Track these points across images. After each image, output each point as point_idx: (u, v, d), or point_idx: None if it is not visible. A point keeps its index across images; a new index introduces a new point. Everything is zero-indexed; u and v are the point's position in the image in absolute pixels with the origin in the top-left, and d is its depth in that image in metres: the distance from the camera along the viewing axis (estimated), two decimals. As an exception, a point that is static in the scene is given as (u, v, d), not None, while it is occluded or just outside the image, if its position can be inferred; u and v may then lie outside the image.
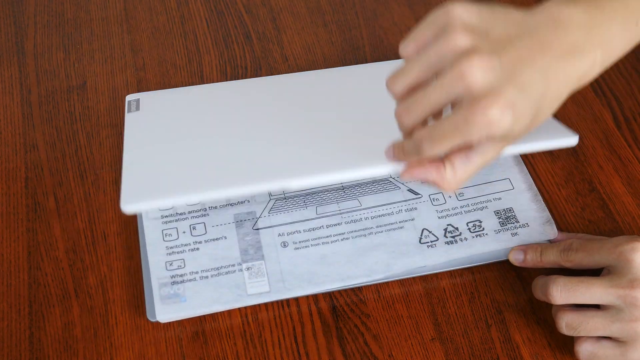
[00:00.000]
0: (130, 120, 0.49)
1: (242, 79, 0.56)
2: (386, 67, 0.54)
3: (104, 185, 0.50)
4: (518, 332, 0.44)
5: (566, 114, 0.55)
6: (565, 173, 0.51)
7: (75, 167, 0.50)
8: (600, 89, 0.56)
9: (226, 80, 0.56)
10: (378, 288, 0.46)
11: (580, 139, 0.53)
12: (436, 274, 0.46)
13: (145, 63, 0.56)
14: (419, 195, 0.49)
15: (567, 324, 0.41)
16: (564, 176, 0.51)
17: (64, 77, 0.55)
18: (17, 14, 0.59)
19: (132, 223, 0.48)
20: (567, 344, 0.44)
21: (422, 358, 0.43)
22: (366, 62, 0.57)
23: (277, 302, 0.45)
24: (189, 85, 0.55)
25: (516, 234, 0.47)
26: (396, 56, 0.57)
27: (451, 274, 0.46)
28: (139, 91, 0.55)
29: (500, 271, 0.47)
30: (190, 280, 0.44)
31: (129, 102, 0.51)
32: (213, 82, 0.55)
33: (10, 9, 0.60)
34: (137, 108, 0.51)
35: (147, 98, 0.52)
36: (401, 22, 0.60)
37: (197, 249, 0.46)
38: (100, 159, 0.51)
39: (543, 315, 0.45)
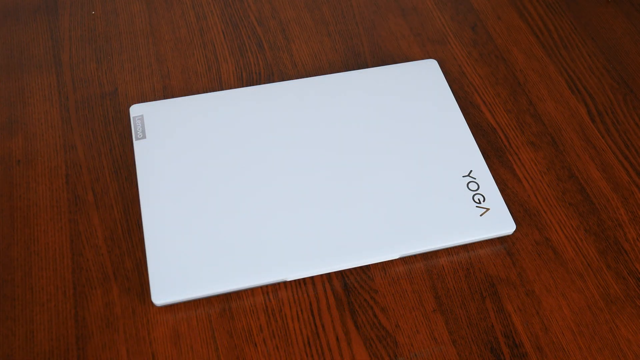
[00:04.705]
0: (141, 159, 0.48)
1: (256, 84, 0.56)
2: (384, 72, 0.55)
3: (136, 180, 0.50)
4: (510, 303, 0.44)
5: (546, 110, 0.55)
6: (547, 162, 0.52)
7: (110, 165, 0.50)
8: (575, 87, 0.57)
9: (242, 85, 0.56)
10: (384, 266, 0.46)
11: (559, 131, 0.54)
12: (435, 252, 0.47)
13: (169, 71, 0.56)
14: None
15: None
16: (545, 164, 0.52)
17: (97, 84, 0.55)
18: (53, 29, 0.59)
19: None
20: (554, 312, 0.44)
21: (425, 327, 0.43)
22: (367, 67, 0.58)
23: (294, 281, 0.45)
24: (210, 90, 0.55)
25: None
26: (393, 61, 0.58)
27: (448, 252, 0.47)
28: (165, 97, 0.55)
29: (492, 249, 0.47)
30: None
31: (134, 119, 0.50)
32: (231, 86, 0.56)
33: (47, 25, 0.59)
34: (144, 134, 0.50)
35: (151, 113, 0.51)
36: (397, 31, 0.60)
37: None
38: (132, 156, 0.51)
39: (531, 287, 0.45)
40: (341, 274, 0.46)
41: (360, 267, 0.46)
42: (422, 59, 0.58)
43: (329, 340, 0.43)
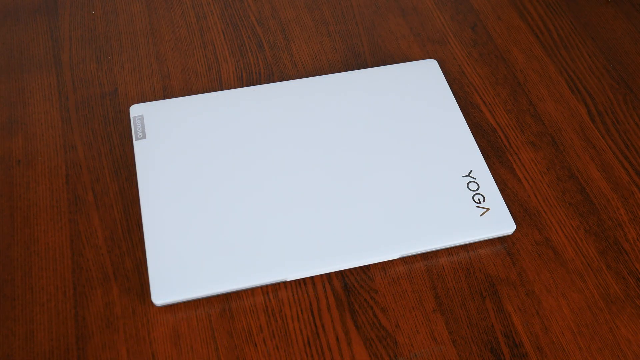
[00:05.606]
0: (141, 159, 0.48)
1: (256, 84, 0.56)
2: (384, 72, 0.55)
3: (136, 180, 0.50)
4: (509, 303, 0.44)
5: (546, 110, 0.55)
6: (547, 161, 0.52)
7: (110, 165, 0.50)
8: (576, 87, 0.57)
9: (242, 85, 0.56)
10: (384, 266, 0.46)
11: (559, 131, 0.54)
12: (435, 252, 0.47)
13: (169, 71, 0.56)
14: None
15: None
16: (545, 164, 0.52)
17: (97, 84, 0.55)
18: (53, 30, 0.59)
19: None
20: (554, 312, 0.44)
21: (425, 327, 0.43)
22: (367, 67, 0.57)
23: (294, 281, 0.45)
24: (210, 90, 0.55)
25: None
26: (393, 61, 0.58)
27: (448, 252, 0.47)
28: (165, 97, 0.55)
29: (492, 249, 0.47)
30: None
31: (134, 119, 0.50)
32: (231, 86, 0.56)
33: (47, 26, 0.59)
34: (144, 134, 0.50)
35: (151, 113, 0.51)
36: (397, 31, 0.60)
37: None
38: (132, 156, 0.51)
39: (531, 287, 0.45)
40: (341, 274, 0.45)
41: (360, 267, 0.46)
42: (422, 59, 0.58)
43: (329, 340, 0.43)
